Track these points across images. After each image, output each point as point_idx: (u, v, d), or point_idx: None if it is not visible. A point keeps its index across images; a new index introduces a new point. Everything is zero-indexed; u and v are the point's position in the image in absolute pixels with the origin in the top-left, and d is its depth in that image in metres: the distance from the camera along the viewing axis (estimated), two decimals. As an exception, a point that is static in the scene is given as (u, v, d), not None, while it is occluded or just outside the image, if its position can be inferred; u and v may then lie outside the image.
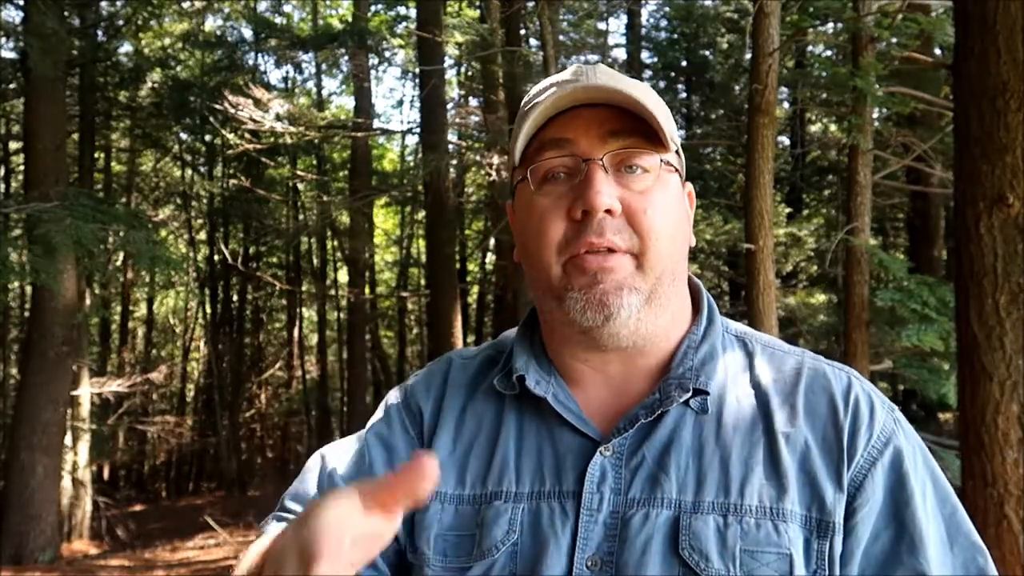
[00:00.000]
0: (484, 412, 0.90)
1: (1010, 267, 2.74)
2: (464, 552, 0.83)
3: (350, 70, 13.14)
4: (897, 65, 6.13)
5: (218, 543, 10.56)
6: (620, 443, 0.83)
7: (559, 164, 0.83)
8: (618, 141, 0.83)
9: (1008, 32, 2.70)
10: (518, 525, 0.82)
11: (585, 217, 0.81)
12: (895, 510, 0.80)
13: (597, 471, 0.82)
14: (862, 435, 0.82)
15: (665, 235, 0.83)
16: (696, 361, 0.86)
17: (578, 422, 0.85)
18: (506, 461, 0.86)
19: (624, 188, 0.82)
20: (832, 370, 0.87)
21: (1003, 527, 2.74)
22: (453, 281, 9.99)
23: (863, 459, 0.81)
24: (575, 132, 0.83)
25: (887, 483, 0.81)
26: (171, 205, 18.01)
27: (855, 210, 5.79)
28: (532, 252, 0.85)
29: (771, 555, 0.77)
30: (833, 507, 0.78)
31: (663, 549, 0.77)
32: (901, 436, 0.83)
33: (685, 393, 0.83)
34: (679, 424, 0.83)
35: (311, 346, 21.11)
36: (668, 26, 13.86)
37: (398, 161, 18.04)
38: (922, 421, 9.46)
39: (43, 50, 8.70)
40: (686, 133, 13.62)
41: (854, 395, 0.84)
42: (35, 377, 9.33)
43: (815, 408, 0.83)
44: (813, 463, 0.80)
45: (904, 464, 0.81)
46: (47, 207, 7.60)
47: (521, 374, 0.87)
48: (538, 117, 0.83)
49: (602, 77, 0.84)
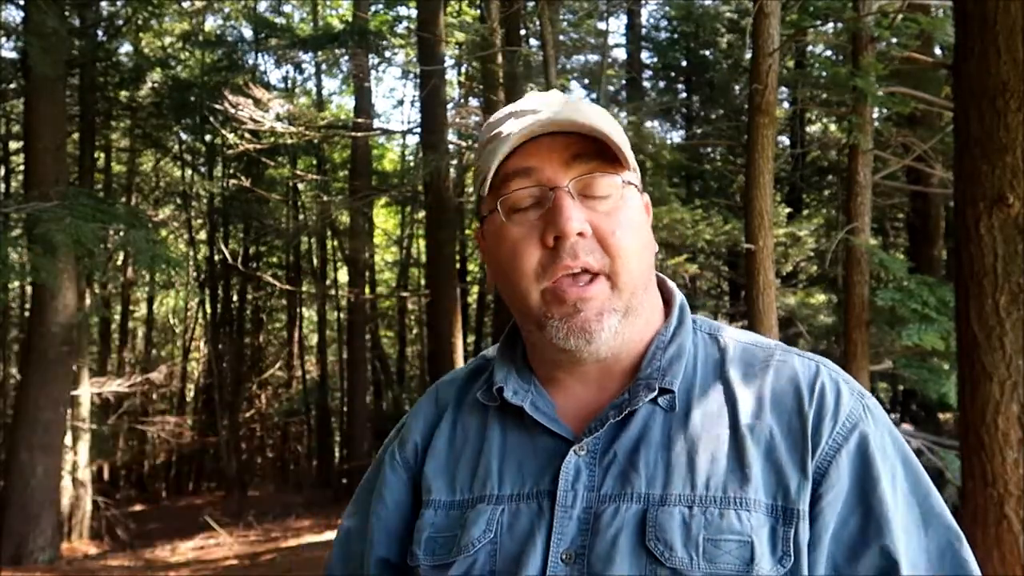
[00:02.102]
0: (471, 423, 0.96)
1: (1010, 267, 2.74)
2: (447, 550, 0.88)
3: (350, 70, 13.14)
4: (897, 65, 6.12)
5: (218, 543, 10.57)
6: (593, 442, 0.87)
7: (526, 193, 0.87)
8: (581, 166, 0.86)
9: (1008, 32, 2.70)
10: (495, 524, 0.87)
11: (558, 243, 0.85)
12: (862, 495, 0.82)
13: (571, 470, 0.86)
14: (827, 423, 0.84)
15: (633, 252, 0.87)
16: (664, 361, 0.89)
17: (553, 425, 0.89)
18: (490, 467, 0.91)
19: (591, 211, 0.86)
20: (801, 360, 0.90)
21: (1003, 527, 2.74)
22: (453, 281, 9.98)
23: (828, 446, 0.83)
24: (538, 160, 0.86)
25: (853, 468, 0.83)
26: (171, 205, 18.01)
27: (855, 210, 5.79)
28: (510, 280, 0.88)
29: (733, 543, 0.79)
30: (798, 495, 0.81)
31: (631, 541, 0.81)
32: (869, 421, 0.85)
33: (651, 392, 0.86)
34: (649, 422, 0.87)
35: (311, 346, 21.11)
36: (668, 26, 13.86)
37: (398, 161, 18.03)
38: (922, 421, 9.46)
39: (43, 49, 8.70)
40: (686, 133, 13.62)
41: (820, 383, 0.87)
42: (35, 377, 9.33)
43: (781, 399, 0.86)
44: (778, 452, 0.83)
45: (870, 448, 0.83)
46: (47, 207, 7.60)
47: (500, 386, 0.92)
48: (504, 149, 0.86)
49: (561, 108, 0.87)
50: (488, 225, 0.91)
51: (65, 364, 9.51)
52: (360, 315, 14.89)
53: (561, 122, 0.85)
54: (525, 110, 0.89)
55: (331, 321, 18.87)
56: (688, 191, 12.00)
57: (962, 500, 2.94)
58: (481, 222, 0.93)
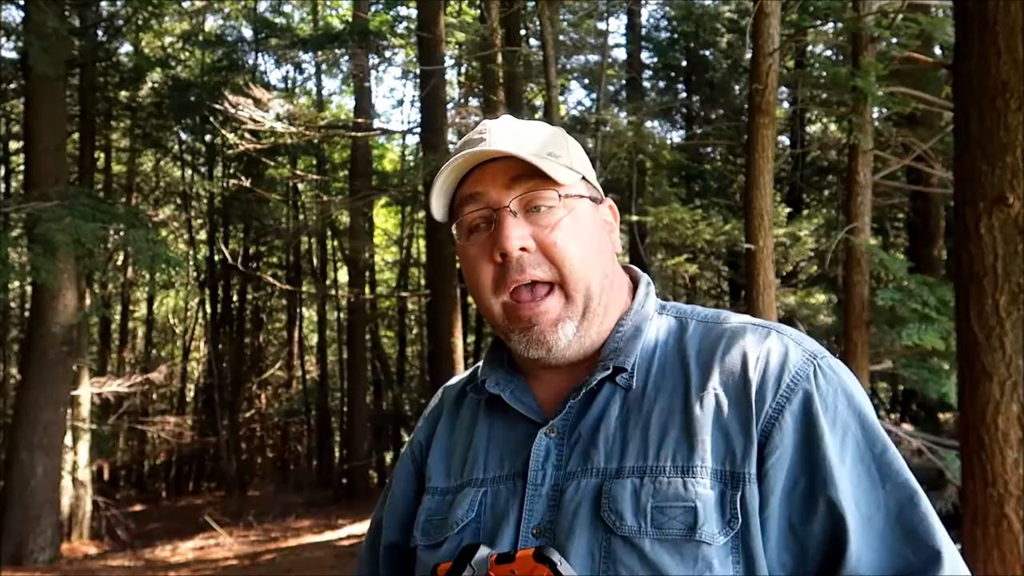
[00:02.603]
0: (465, 417, 1.05)
1: (1010, 267, 2.74)
2: (437, 530, 0.96)
3: (350, 70, 13.13)
4: (897, 65, 6.12)
5: (218, 543, 10.57)
6: (561, 424, 0.93)
7: (478, 216, 0.95)
8: (521, 186, 0.93)
9: (1008, 32, 2.70)
10: (477, 505, 0.94)
11: (505, 259, 0.92)
12: (807, 453, 0.84)
13: (542, 451, 0.92)
14: (770, 385, 0.87)
15: (578, 259, 0.93)
16: (620, 343, 0.95)
17: (527, 411, 0.97)
18: (477, 453, 0.99)
19: (534, 225, 0.93)
20: (753, 327, 0.94)
21: (1003, 527, 2.74)
22: (453, 281, 9.98)
23: (771, 408, 0.86)
24: (484, 185, 0.94)
25: (797, 428, 0.85)
26: (171, 205, 18.02)
27: (855, 210, 5.78)
28: (475, 294, 0.97)
29: (678, 509, 0.83)
30: (744, 459, 0.84)
31: (588, 513, 0.86)
32: (819, 380, 0.87)
33: (605, 371, 0.92)
34: (610, 401, 0.92)
35: (311, 346, 21.11)
36: (668, 26, 13.86)
37: (398, 161, 18.02)
38: (922, 421, 9.46)
39: (43, 49, 8.70)
40: (686, 133, 13.62)
41: (767, 347, 0.90)
42: (35, 377, 9.33)
43: (729, 367, 0.90)
44: (725, 419, 0.87)
45: (814, 407, 0.85)
46: (47, 206, 7.61)
47: (483, 379, 1.00)
48: (449, 178, 0.95)
49: (497, 139, 0.95)
50: (457, 246, 1.00)
51: (65, 364, 9.51)
52: (360, 315, 14.89)
53: (493, 152, 0.93)
54: (474, 138, 0.97)
55: (331, 321, 18.88)
56: (688, 191, 12.01)
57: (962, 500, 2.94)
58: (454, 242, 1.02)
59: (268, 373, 19.37)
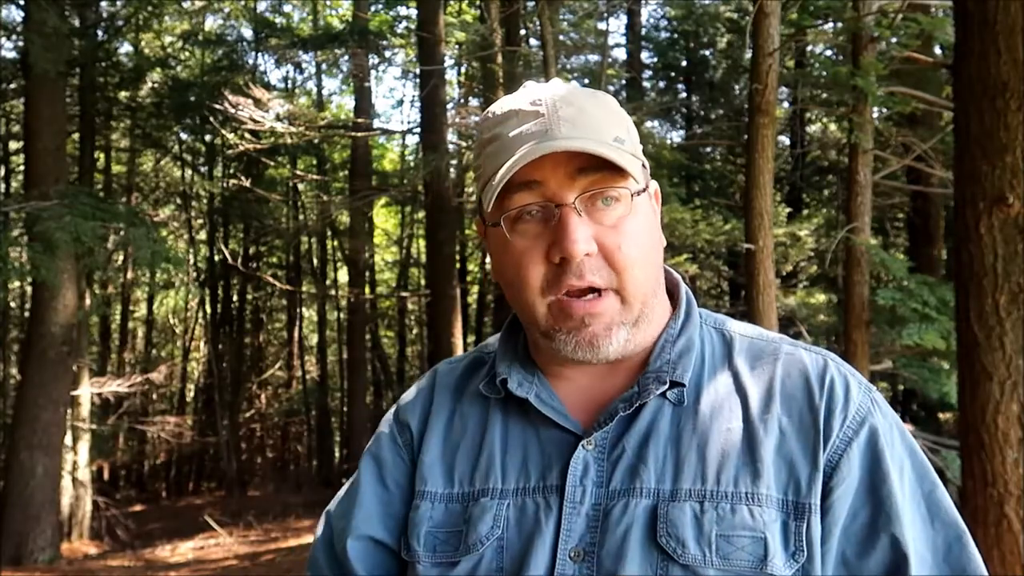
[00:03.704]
0: (471, 414, 0.93)
1: (1010, 267, 2.74)
2: (452, 548, 0.86)
3: (350, 70, 13.12)
4: (897, 65, 6.12)
5: (218, 543, 10.56)
6: (602, 437, 0.85)
7: (534, 207, 0.84)
8: (586, 178, 0.83)
9: (1008, 32, 2.70)
10: (503, 520, 0.85)
11: (564, 262, 0.83)
12: (872, 488, 0.81)
13: (580, 465, 0.84)
14: (837, 416, 0.83)
15: (640, 264, 0.85)
16: (673, 355, 0.88)
17: (560, 418, 0.87)
18: (492, 459, 0.89)
19: (597, 224, 0.83)
20: (809, 355, 0.89)
21: (1003, 527, 2.74)
22: (453, 281, 9.98)
23: (839, 439, 0.82)
24: (543, 173, 0.82)
25: (863, 462, 0.82)
26: (171, 205, 18.00)
27: (855, 210, 5.78)
28: (515, 291, 0.87)
29: (746, 539, 0.78)
30: (809, 488, 0.80)
31: (642, 537, 0.79)
32: (878, 415, 0.85)
33: (662, 386, 0.85)
34: (657, 415, 0.85)
35: (311, 346, 21.10)
36: (668, 26, 13.86)
37: (398, 161, 18.02)
38: (922, 421, 9.45)
39: (44, 47, 8.70)
40: (686, 133, 13.61)
41: (829, 377, 0.86)
42: (35, 377, 9.32)
43: (791, 392, 0.85)
44: (789, 446, 0.82)
45: (880, 442, 0.83)
46: (47, 205, 7.61)
47: (504, 377, 0.90)
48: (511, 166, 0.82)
49: (560, 124, 0.83)
50: (493, 236, 0.88)
51: (65, 364, 9.51)
52: (360, 315, 14.88)
53: (565, 147, 0.81)
54: (527, 111, 0.85)
55: (331, 321, 18.88)
56: (688, 191, 12.00)
57: (962, 500, 2.94)
58: (483, 219, 0.91)
59: (268, 373, 19.37)
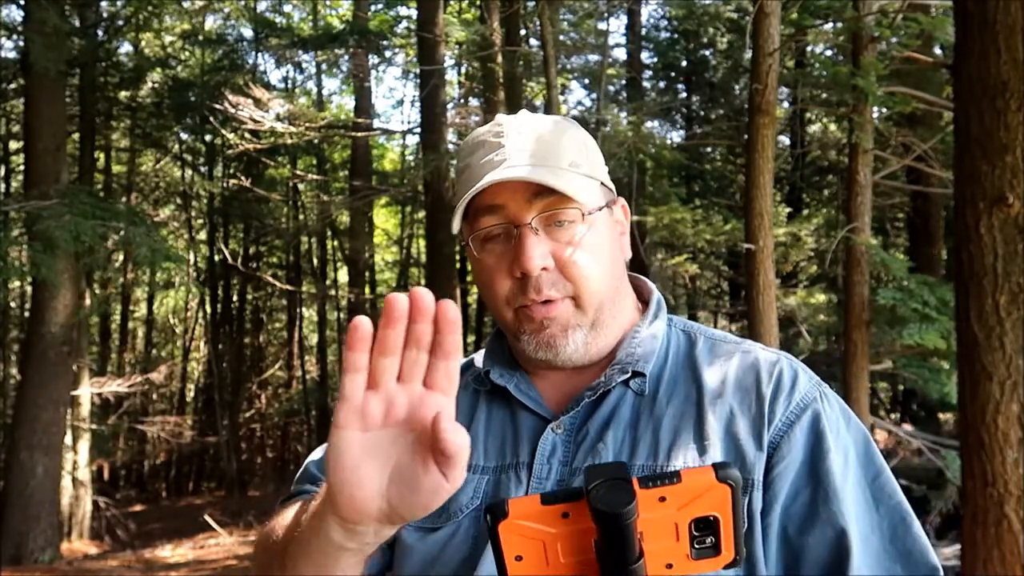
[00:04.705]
0: (462, 403, 1.01)
1: (1010, 267, 2.74)
2: (435, 514, 0.91)
3: (350, 70, 13.14)
4: (897, 65, 6.12)
5: (218, 543, 10.56)
6: (569, 421, 0.95)
7: (496, 229, 0.95)
8: (542, 201, 0.93)
9: (1008, 32, 2.70)
10: (482, 492, 0.95)
11: (523, 277, 0.93)
12: (812, 467, 0.87)
13: (548, 445, 0.94)
14: (782, 401, 0.91)
15: (595, 274, 0.95)
16: (637, 349, 0.97)
17: (535, 405, 0.98)
18: (476, 440, 0.98)
19: (555, 241, 0.94)
20: (766, 352, 0.98)
21: (1003, 527, 2.74)
22: (453, 281, 9.98)
23: (782, 421, 0.89)
24: (503, 198, 0.94)
25: (805, 442, 0.89)
26: (171, 205, 18.00)
27: (855, 210, 5.78)
28: (488, 300, 0.99)
29: None
30: (753, 465, 0.87)
31: None
32: (824, 403, 0.92)
33: (625, 374, 0.94)
34: (620, 403, 0.95)
35: (311, 346, 21.10)
36: (668, 26, 13.87)
37: (398, 161, 18.02)
38: (922, 421, 9.45)
39: (44, 47, 8.69)
40: (686, 133, 13.62)
41: (779, 369, 0.94)
42: (35, 377, 9.32)
43: (742, 381, 0.94)
44: (737, 427, 0.90)
45: (821, 425, 0.89)
46: (47, 204, 7.61)
47: (487, 370, 1.02)
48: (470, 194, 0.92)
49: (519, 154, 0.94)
50: (468, 251, 1.00)
51: (65, 364, 9.51)
52: (360, 315, 14.86)
53: (518, 178, 0.91)
54: (491, 142, 0.96)
55: (331, 321, 18.86)
56: (688, 191, 12.01)
57: (962, 500, 2.94)
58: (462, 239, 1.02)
59: (268, 373, 19.36)
